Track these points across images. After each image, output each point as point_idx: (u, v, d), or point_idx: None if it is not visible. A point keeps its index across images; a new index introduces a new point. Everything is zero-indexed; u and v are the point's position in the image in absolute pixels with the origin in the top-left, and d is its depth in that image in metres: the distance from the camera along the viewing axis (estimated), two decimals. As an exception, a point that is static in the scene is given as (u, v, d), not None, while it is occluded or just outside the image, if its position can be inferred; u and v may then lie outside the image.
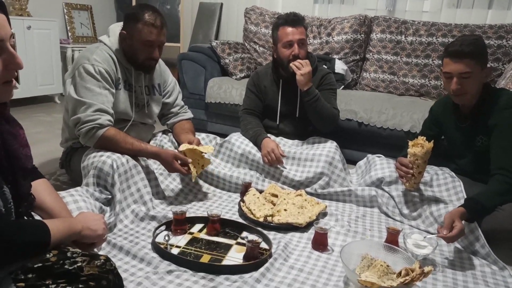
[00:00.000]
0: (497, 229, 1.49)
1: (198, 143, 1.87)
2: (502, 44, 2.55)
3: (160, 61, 1.92)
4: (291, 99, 2.18)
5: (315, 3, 3.43)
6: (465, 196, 1.71)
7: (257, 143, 2.08)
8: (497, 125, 1.57)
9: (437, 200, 1.75)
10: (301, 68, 1.99)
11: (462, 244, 1.54)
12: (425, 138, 1.68)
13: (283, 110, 2.21)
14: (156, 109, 1.96)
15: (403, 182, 1.77)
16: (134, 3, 3.88)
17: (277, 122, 2.23)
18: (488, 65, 1.62)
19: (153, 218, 1.61)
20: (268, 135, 2.13)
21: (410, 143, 1.69)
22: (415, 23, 2.83)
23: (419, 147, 1.65)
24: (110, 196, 1.61)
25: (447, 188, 1.79)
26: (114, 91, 1.72)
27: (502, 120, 1.55)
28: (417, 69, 2.77)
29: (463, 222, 1.41)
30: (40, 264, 0.83)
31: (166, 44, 1.69)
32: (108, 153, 1.61)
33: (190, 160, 1.74)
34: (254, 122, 2.19)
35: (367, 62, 2.96)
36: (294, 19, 2.07)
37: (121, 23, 1.76)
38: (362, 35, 2.93)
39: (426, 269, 1.15)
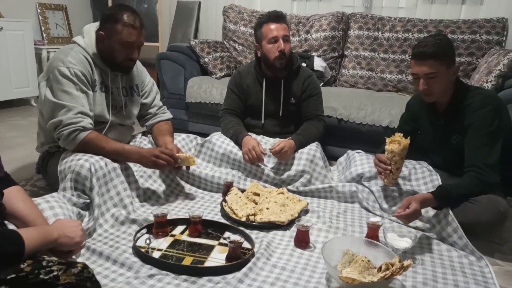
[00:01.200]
0: (473, 221, 1.53)
1: (178, 151, 1.86)
2: (475, 38, 2.61)
3: (137, 61, 1.89)
4: (275, 98, 2.19)
5: (294, 0, 3.43)
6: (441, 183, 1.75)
7: (238, 142, 2.08)
8: (471, 125, 1.60)
9: (415, 194, 1.77)
10: (282, 155, 1.98)
11: (440, 236, 1.58)
12: (402, 134, 1.71)
13: (266, 110, 2.21)
14: (134, 110, 1.93)
15: (381, 178, 1.79)
16: (110, 3, 3.81)
17: (262, 121, 2.23)
18: (457, 63, 1.66)
19: (133, 221, 1.59)
20: (249, 133, 2.13)
21: (388, 140, 1.71)
22: (392, 19, 2.87)
23: (396, 144, 1.68)
24: (88, 201, 1.58)
25: (425, 182, 1.82)
26: (91, 93, 1.69)
27: (475, 119, 1.58)
28: (394, 64, 2.81)
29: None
30: (13, 275, 0.81)
31: (145, 43, 1.68)
32: (86, 156, 1.58)
33: (175, 152, 1.77)
34: (235, 121, 2.18)
35: (345, 59, 2.99)
36: (278, 16, 2.10)
37: (96, 24, 1.73)
38: (340, 32, 2.96)
39: (406, 263, 1.17)
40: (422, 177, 1.86)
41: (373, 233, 1.53)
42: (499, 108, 1.60)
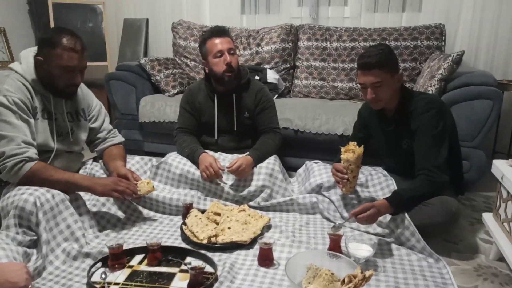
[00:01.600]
0: (429, 223, 1.57)
1: (132, 174, 1.78)
2: (417, 44, 2.74)
3: (82, 84, 1.80)
4: (228, 113, 2.16)
5: (243, 14, 3.45)
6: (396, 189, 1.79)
7: (195, 160, 2.03)
8: (418, 129, 1.66)
9: (373, 200, 1.80)
10: (239, 172, 1.96)
11: (399, 241, 1.61)
12: (355, 143, 1.74)
13: (220, 125, 2.18)
14: (82, 136, 1.83)
15: (340, 187, 1.81)
16: (52, 23, 3.64)
17: (216, 137, 2.20)
18: (402, 68, 1.74)
19: (87, 255, 1.49)
20: (206, 151, 2.09)
21: (342, 149, 1.74)
22: (338, 29, 2.95)
23: (350, 153, 1.71)
24: (35, 237, 1.46)
25: (382, 187, 1.87)
26: (33, 121, 1.59)
27: (421, 123, 1.65)
28: (344, 73, 2.89)
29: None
30: None
31: (92, 64, 1.61)
32: (30, 190, 1.48)
33: (133, 180, 1.73)
34: (189, 140, 2.14)
35: (297, 70, 3.03)
36: (220, 30, 2.10)
37: (34, 48, 1.63)
38: (290, 44, 3.00)
39: (367, 273, 1.17)
40: (379, 183, 1.90)
41: (335, 243, 1.54)
42: (442, 111, 1.67)
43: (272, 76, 2.89)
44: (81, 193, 1.69)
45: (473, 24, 2.86)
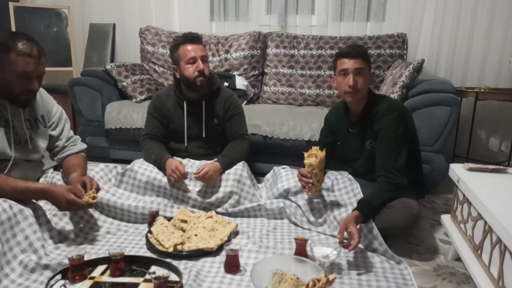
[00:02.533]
0: (391, 226, 1.61)
1: (91, 184, 1.71)
2: (381, 53, 2.83)
3: (41, 90, 1.74)
4: (197, 120, 2.15)
5: (212, 20, 3.46)
6: (363, 197, 1.84)
7: (161, 166, 2.00)
8: (380, 131, 1.72)
9: (338, 204, 1.84)
10: (207, 179, 1.96)
11: (363, 244, 1.64)
12: (318, 148, 1.77)
13: (190, 133, 2.16)
14: (42, 143, 1.77)
15: (305, 191, 1.84)
16: (14, 29, 3.51)
17: (185, 144, 2.18)
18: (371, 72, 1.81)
19: (46, 267, 1.43)
20: (174, 157, 2.07)
21: (306, 154, 1.77)
22: (305, 37, 3.01)
23: (313, 157, 1.74)
24: (-10, 250, 1.40)
25: (347, 191, 1.90)
26: None
27: (383, 125, 1.71)
28: (312, 80, 2.94)
29: (359, 225, 1.52)
30: None
31: (57, 69, 1.55)
32: (-14, 200, 1.41)
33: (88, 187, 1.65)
34: (156, 146, 2.11)
35: (266, 76, 3.06)
36: (194, 37, 2.09)
37: None
38: (259, 51, 3.03)
39: (331, 277, 1.19)
40: (344, 187, 1.94)
41: (301, 248, 1.55)
42: (403, 114, 1.73)
43: (241, 82, 2.90)
44: (41, 203, 1.63)
45: (433, 34, 2.98)
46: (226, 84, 2.83)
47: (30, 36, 1.55)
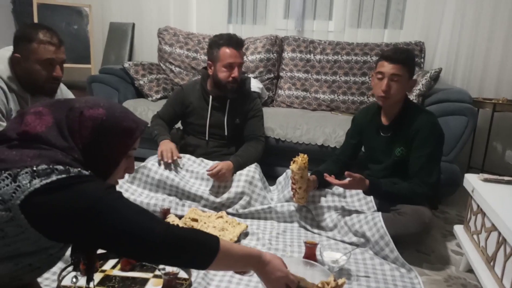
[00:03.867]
0: (402, 233, 1.61)
1: None
2: (397, 60, 2.81)
3: (61, 85, 1.78)
4: (220, 118, 2.18)
5: (229, 23, 3.49)
6: (374, 204, 1.83)
7: (157, 142, 2.14)
8: (417, 141, 1.72)
9: (350, 210, 1.84)
10: (219, 177, 1.99)
11: (374, 250, 1.64)
12: (305, 155, 1.76)
13: (211, 128, 2.19)
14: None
15: (291, 197, 1.84)
16: (36, 20, 3.60)
17: (206, 138, 2.20)
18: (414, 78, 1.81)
19: (59, 258, 1.46)
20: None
21: (292, 160, 1.77)
22: (322, 42, 3.01)
23: (294, 163, 1.74)
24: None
25: (359, 198, 1.90)
26: (5, 124, 1.56)
27: (421, 135, 1.71)
28: (327, 85, 2.94)
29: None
30: None
31: (75, 66, 1.59)
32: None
33: None
34: (163, 126, 2.23)
35: (281, 80, 3.07)
36: (238, 42, 2.08)
37: (10, 47, 1.61)
38: (275, 54, 3.04)
39: (340, 281, 1.19)
40: (356, 194, 1.94)
41: (310, 252, 1.55)
42: (442, 131, 1.75)
43: (256, 85, 2.91)
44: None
45: (451, 43, 2.95)
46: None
47: (48, 26, 1.60)
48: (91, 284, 1.32)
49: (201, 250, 0.92)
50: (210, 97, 2.16)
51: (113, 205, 0.84)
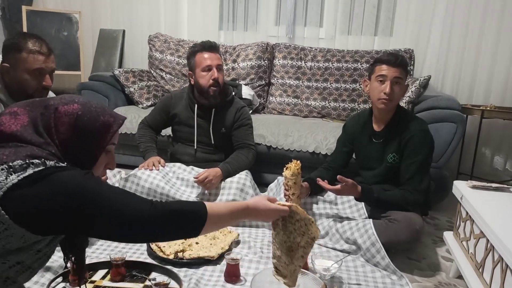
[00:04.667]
0: (393, 240, 1.61)
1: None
2: (387, 68, 2.83)
3: (51, 93, 1.77)
4: (205, 126, 2.19)
5: (220, 30, 3.49)
6: (365, 211, 1.84)
7: (145, 159, 2.15)
8: (409, 146, 1.74)
9: (341, 218, 1.84)
10: (206, 184, 1.99)
11: (365, 257, 1.64)
12: (298, 162, 1.74)
13: (199, 137, 2.20)
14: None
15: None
16: (25, 29, 3.57)
17: (195, 147, 2.20)
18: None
19: (47, 269, 1.44)
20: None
21: (285, 167, 1.76)
22: (313, 49, 3.03)
23: (287, 170, 1.73)
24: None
25: (350, 205, 1.90)
26: None
27: (415, 142, 1.73)
28: (318, 92, 2.95)
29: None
30: None
31: (65, 73, 1.57)
32: None
33: None
34: (149, 136, 2.25)
35: (272, 87, 3.08)
36: (211, 45, 2.13)
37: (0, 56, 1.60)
38: (266, 61, 3.05)
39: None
40: (347, 201, 1.94)
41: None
42: (432, 139, 1.77)
43: (247, 92, 2.92)
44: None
45: (440, 51, 2.99)
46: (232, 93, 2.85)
47: (38, 35, 1.59)
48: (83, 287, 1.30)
49: (190, 219, 0.95)
50: (196, 106, 2.17)
51: (95, 189, 0.84)
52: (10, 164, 0.80)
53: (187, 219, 0.94)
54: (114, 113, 1.00)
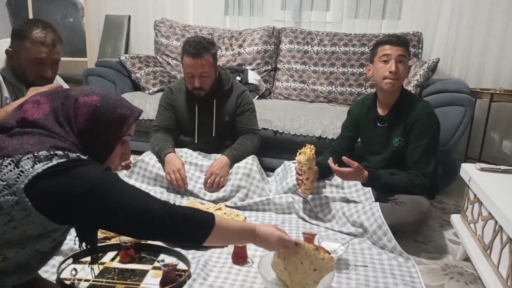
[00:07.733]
0: (400, 223, 1.61)
1: None
2: (395, 51, 2.80)
3: (59, 78, 1.78)
4: (208, 117, 2.15)
5: (226, 14, 3.46)
6: (372, 195, 1.84)
7: (161, 158, 2.02)
8: (414, 129, 1.73)
9: (348, 201, 1.85)
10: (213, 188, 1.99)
11: (372, 240, 1.64)
12: (312, 146, 1.76)
13: (200, 128, 2.17)
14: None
15: (297, 188, 1.83)
16: (31, 17, 3.56)
17: (196, 140, 2.19)
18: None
19: (58, 251, 1.47)
20: (175, 150, 2.07)
21: (298, 152, 1.76)
22: (319, 33, 2.99)
23: (302, 155, 1.73)
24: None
25: (357, 189, 1.90)
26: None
27: (420, 125, 1.72)
28: (324, 77, 2.93)
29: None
30: None
31: (71, 59, 1.57)
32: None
33: None
34: (162, 137, 2.11)
35: (278, 72, 3.06)
36: (198, 50, 1.93)
37: (8, 39, 1.60)
38: (272, 46, 3.03)
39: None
40: (354, 184, 1.95)
41: (309, 242, 1.54)
42: (438, 121, 1.75)
43: (253, 77, 2.91)
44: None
45: (449, 33, 2.95)
46: (238, 78, 2.84)
47: (46, 23, 1.57)
48: (90, 276, 1.33)
49: (197, 226, 1.00)
50: (196, 98, 2.13)
51: (112, 185, 0.90)
52: (36, 154, 0.85)
53: (195, 225, 0.99)
54: (132, 106, 1.04)
